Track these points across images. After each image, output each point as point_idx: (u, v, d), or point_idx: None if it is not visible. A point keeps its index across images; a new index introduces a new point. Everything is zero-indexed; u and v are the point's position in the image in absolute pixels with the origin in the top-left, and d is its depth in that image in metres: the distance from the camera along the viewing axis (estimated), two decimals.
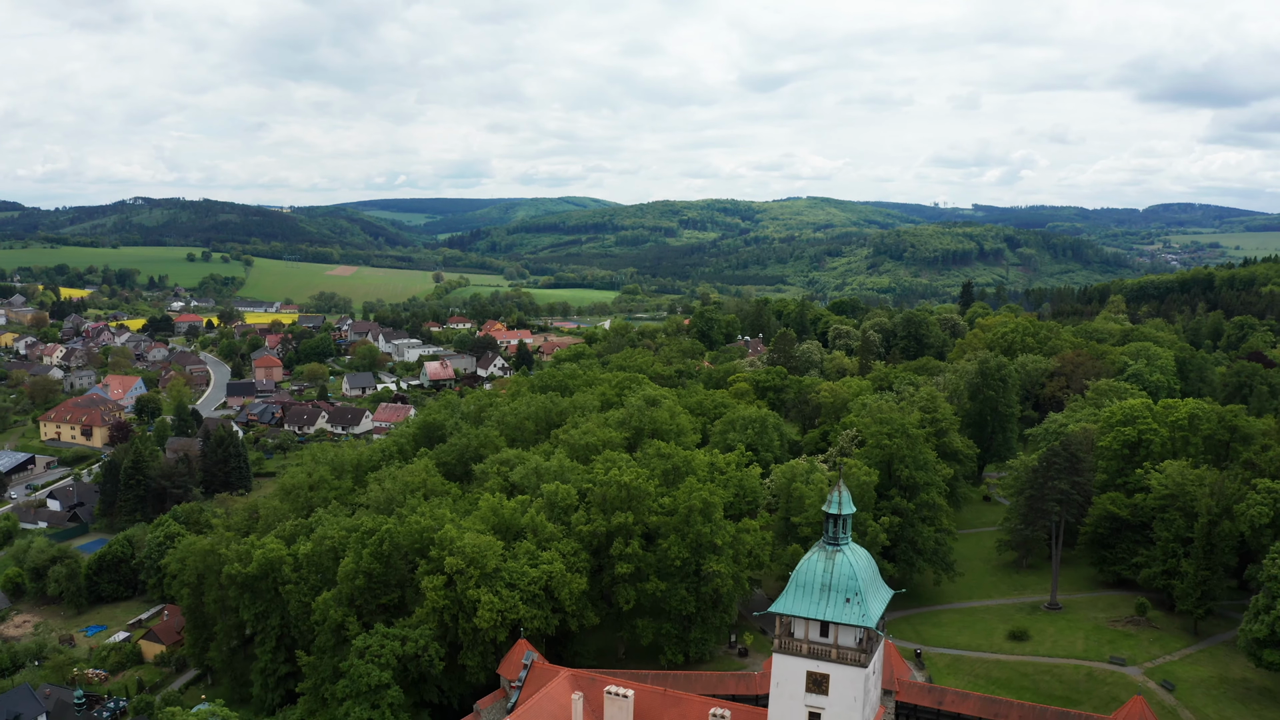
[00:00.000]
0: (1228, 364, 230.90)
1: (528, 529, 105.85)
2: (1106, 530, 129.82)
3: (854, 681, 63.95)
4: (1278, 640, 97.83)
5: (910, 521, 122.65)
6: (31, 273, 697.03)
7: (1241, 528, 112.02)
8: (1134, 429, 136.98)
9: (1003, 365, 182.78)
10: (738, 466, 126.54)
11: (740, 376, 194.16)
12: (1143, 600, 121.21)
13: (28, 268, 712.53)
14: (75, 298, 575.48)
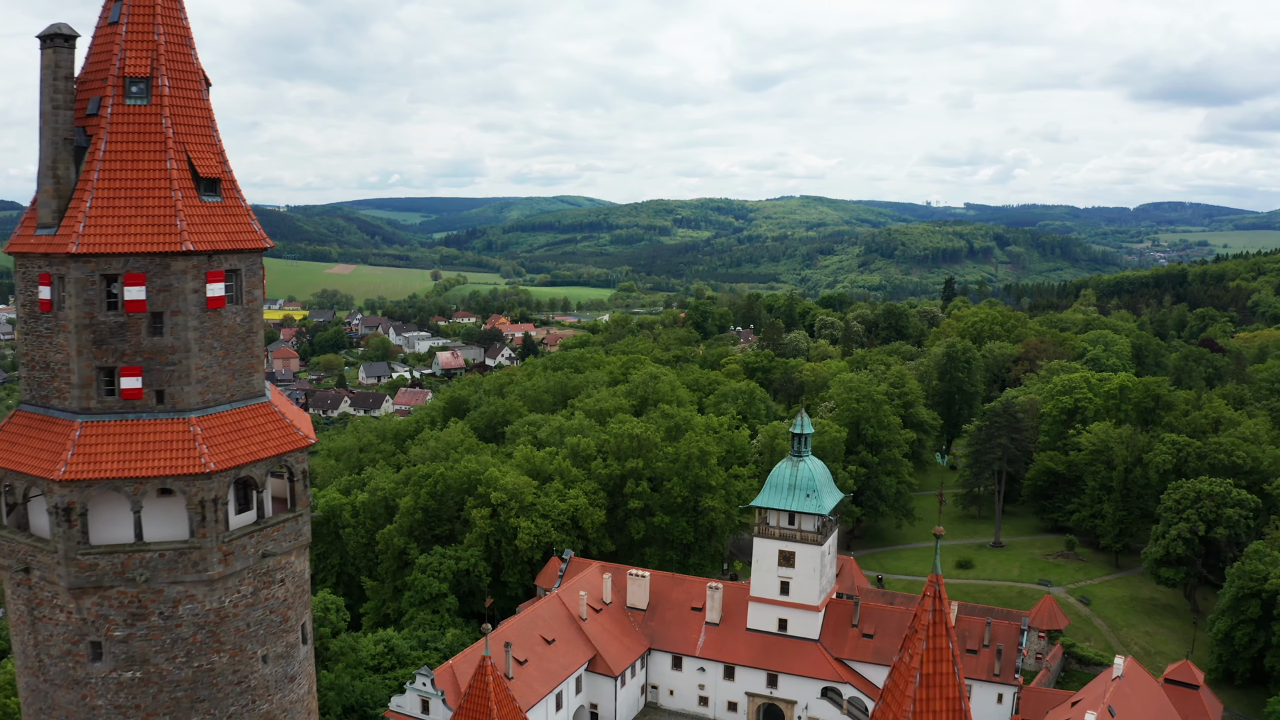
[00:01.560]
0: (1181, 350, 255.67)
1: (555, 473, 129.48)
2: (1045, 483, 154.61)
3: (813, 556, 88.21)
4: (1171, 560, 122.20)
5: (875, 473, 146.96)
6: None
7: (1150, 474, 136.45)
8: (1071, 398, 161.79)
9: (968, 350, 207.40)
10: (729, 427, 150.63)
11: (732, 358, 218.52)
12: (1072, 538, 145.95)
13: None
14: None
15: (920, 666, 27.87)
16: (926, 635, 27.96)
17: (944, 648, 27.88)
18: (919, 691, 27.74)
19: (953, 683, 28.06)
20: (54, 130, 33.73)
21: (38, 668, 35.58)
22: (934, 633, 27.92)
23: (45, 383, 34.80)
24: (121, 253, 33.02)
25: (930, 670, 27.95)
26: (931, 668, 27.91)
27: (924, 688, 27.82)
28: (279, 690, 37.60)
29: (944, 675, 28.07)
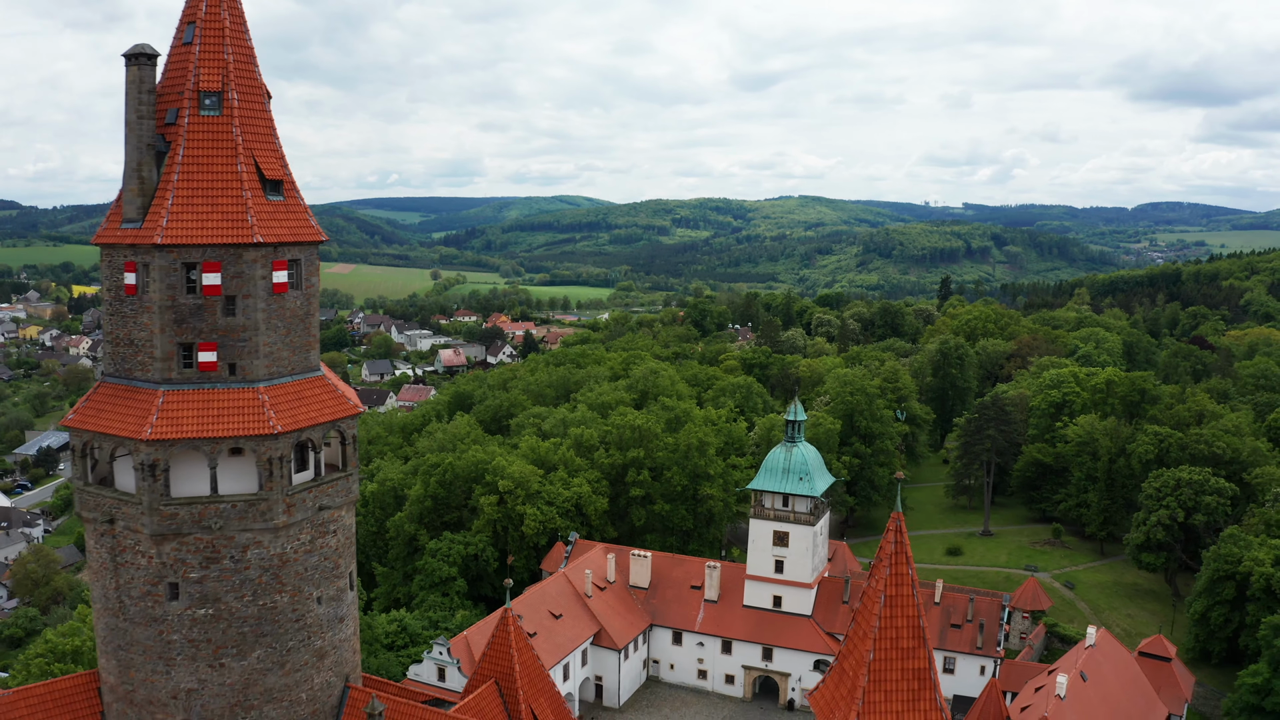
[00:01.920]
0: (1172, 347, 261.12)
1: (559, 462, 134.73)
2: (1034, 474, 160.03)
3: (806, 537, 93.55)
4: (1151, 545, 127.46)
5: (868, 464, 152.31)
6: (37, 270, 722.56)
7: (1133, 464, 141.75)
8: (1059, 392, 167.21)
9: (961, 347, 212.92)
10: (727, 420, 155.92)
11: (730, 354, 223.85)
12: (1058, 526, 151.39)
13: (33, 265, 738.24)
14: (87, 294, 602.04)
15: (884, 589, 33.13)
16: (890, 563, 33.22)
17: (904, 574, 33.13)
18: (883, 610, 33.00)
19: (912, 602, 33.30)
20: (138, 137, 38.99)
21: (118, 608, 40.84)
22: (895, 561, 33.17)
23: (129, 357, 40.06)
24: (200, 244, 38.29)
25: (893, 592, 33.19)
26: (894, 590, 33.16)
27: (888, 607, 33.07)
28: (330, 629, 42.93)
29: (904, 597, 33.31)
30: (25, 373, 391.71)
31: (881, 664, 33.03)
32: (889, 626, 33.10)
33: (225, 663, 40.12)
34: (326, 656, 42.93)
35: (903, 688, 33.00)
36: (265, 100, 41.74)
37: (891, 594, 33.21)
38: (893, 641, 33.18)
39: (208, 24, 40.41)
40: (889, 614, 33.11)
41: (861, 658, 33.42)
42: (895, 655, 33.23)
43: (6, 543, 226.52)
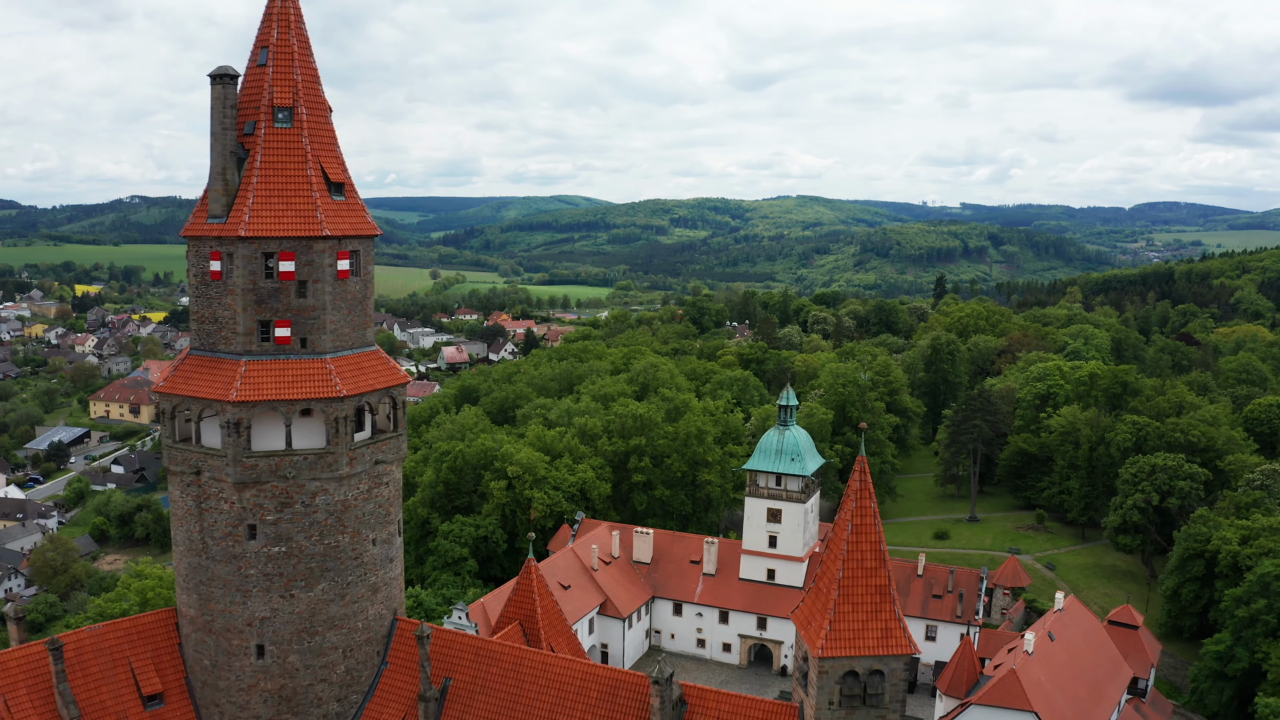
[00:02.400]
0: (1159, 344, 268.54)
1: (565, 450, 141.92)
2: (1019, 463, 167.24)
3: (797, 513, 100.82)
4: (1127, 528, 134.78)
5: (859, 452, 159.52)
6: (39, 269, 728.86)
7: (1113, 452, 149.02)
8: (1044, 384, 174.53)
9: (952, 343, 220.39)
10: (725, 410, 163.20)
11: (727, 350, 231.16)
12: (1041, 512, 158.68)
13: (35, 265, 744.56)
14: (90, 293, 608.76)
15: (851, 519, 40.24)
16: (855, 498, 40.35)
17: (867, 507, 40.25)
18: (850, 536, 40.11)
19: (874, 530, 40.42)
20: (223, 146, 46.12)
21: (201, 549, 47.97)
22: (860, 496, 40.30)
23: (214, 333, 47.19)
24: (277, 236, 45.39)
25: (859, 521, 40.28)
26: (859, 520, 40.26)
27: (854, 533, 40.15)
28: (382, 567, 50.11)
29: (868, 525, 40.41)
30: (32, 370, 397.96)
31: (850, 581, 40.11)
32: (855, 550, 40.19)
33: (295, 594, 47.26)
34: (379, 591, 50.11)
35: (867, 601, 40.09)
36: (328, 114, 48.88)
37: (857, 523, 40.31)
38: (858, 562, 40.24)
39: (279, 49, 47.51)
40: (855, 539, 40.19)
41: (833, 577, 40.52)
42: (861, 574, 40.31)
43: (22, 533, 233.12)
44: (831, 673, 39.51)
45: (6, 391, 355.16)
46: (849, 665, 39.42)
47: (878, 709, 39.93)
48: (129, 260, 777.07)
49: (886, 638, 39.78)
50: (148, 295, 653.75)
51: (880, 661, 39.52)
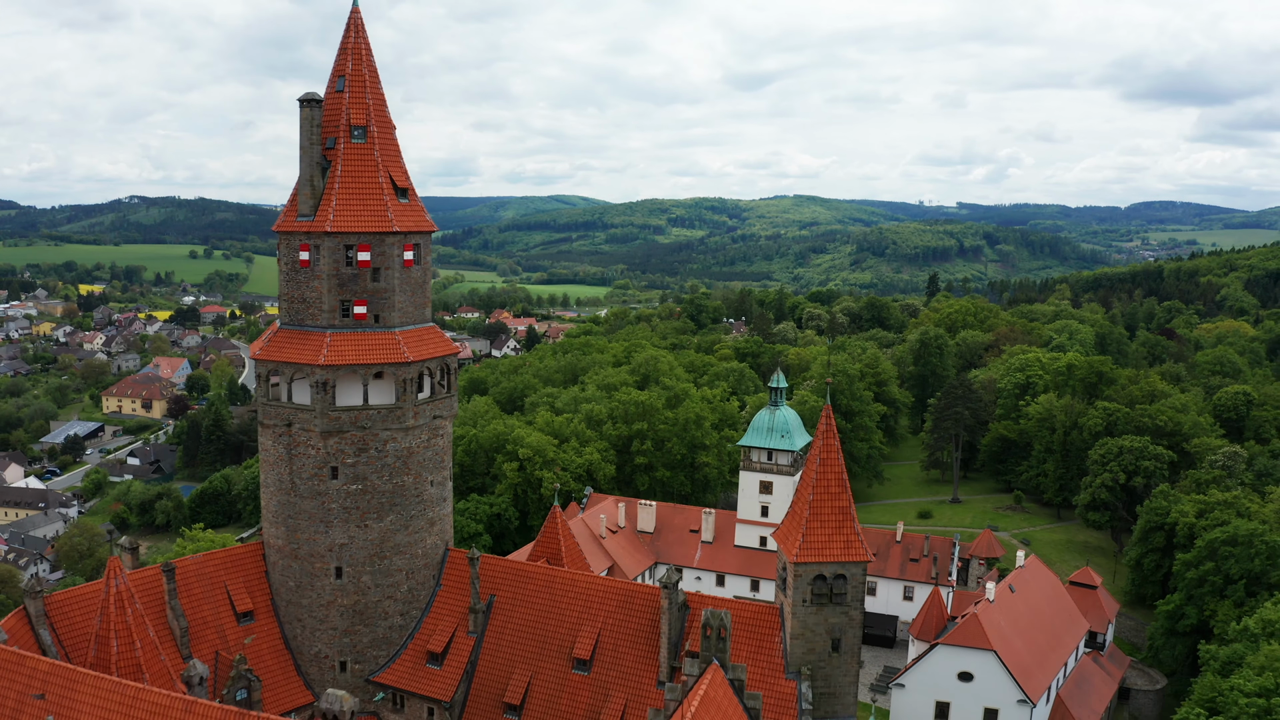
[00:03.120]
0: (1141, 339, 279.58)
1: (572, 434, 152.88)
2: (1000, 449, 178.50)
3: (787, 485, 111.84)
4: (1096, 505, 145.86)
5: (848, 439, 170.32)
6: (40, 269, 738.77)
7: (1085, 436, 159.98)
8: (1024, 374, 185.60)
9: (940, 337, 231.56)
10: (722, 399, 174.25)
11: (724, 344, 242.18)
12: (1019, 493, 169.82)
13: (36, 264, 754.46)
14: (94, 293, 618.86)
15: (820, 454, 51.10)
16: (823, 438, 51.25)
17: (832, 445, 51.10)
18: (819, 468, 50.97)
19: (838, 463, 51.27)
20: (310, 158, 56.95)
21: (290, 488, 58.79)
22: (827, 436, 51.17)
23: (302, 310, 57.99)
24: (356, 231, 56.20)
25: (826, 456, 51.13)
26: (826, 455, 51.09)
27: (822, 465, 50.98)
28: (438, 505, 61.03)
29: (833, 459, 51.26)
30: (43, 367, 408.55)
31: (818, 503, 50.85)
32: (822, 478, 50.97)
33: (368, 524, 58.10)
34: (435, 524, 61.00)
35: (832, 519, 50.81)
36: (393, 130, 59.76)
37: (825, 457, 51.10)
38: (825, 488, 50.96)
39: (353, 78, 58.36)
40: (822, 470, 50.97)
41: (805, 500, 51.30)
42: (827, 498, 51.04)
43: (45, 522, 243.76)
44: (804, 576, 50.38)
45: (19, 388, 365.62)
46: (818, 570, 50.27)
47: (841, 606, 50.79)
48: (129, 260, 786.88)
49: (848, 548, 50.62)
50: (150, 294, 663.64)
51: (843, 567, 50.38)
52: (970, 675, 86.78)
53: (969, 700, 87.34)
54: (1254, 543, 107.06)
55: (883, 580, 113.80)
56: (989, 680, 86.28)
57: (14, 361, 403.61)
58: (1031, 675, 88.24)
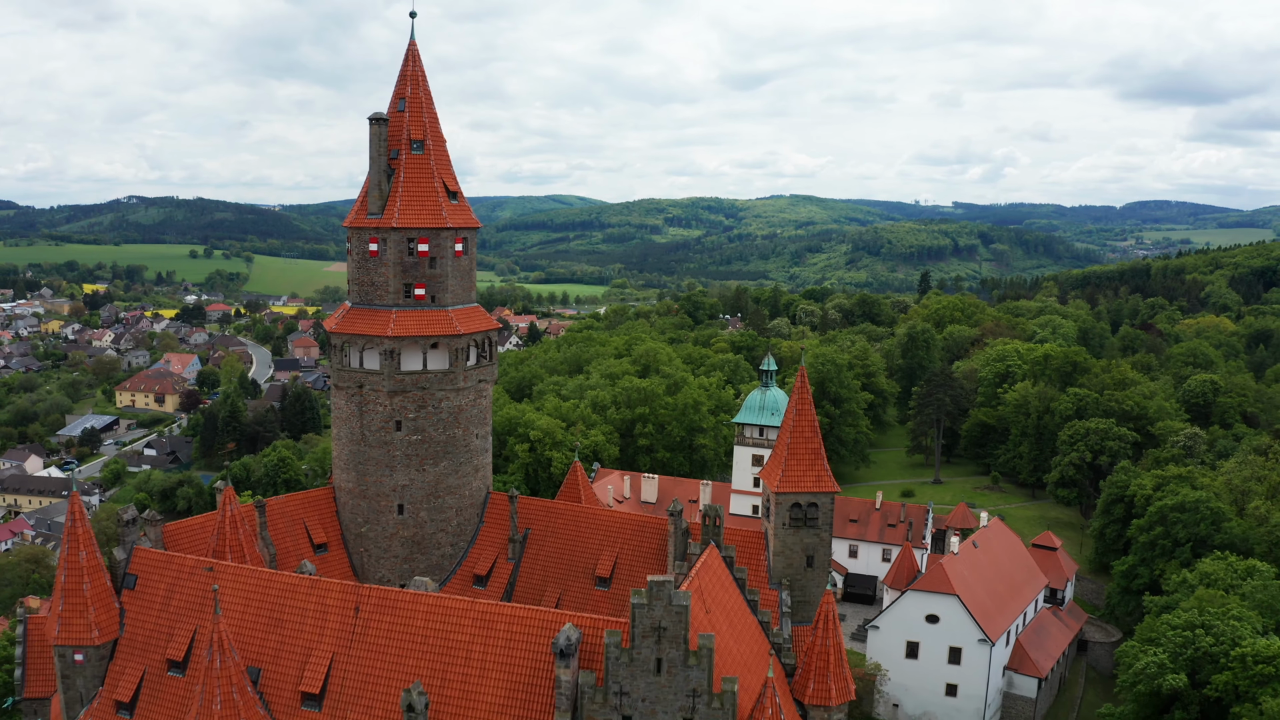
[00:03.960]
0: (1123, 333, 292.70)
1: (579, 418, 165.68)
2: (979, 434, 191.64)
3: None
4: (1065, 482, 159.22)
5: (837, 423, 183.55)
6: (42, 269, 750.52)
7: (1057, 419, 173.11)
8: (1003, 364, 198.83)
9: (927, 331, 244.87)
10: (718, 386, 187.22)
11: (720, 338, 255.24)
12: (996, 474, 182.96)
13: (38, 264, 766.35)
14: (98, 292, 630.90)
15: (795, 406, 63.99)
16: (797, 394, 64.10)
17: (806, 399, 63.87)
18: (794, 418, 63.80)
19: (811, 415, 64.08)
20: (378, 166, 69.71)
21: (360, 439, 71.48)
22: (801, 392, 64.00)
23: (370, 292, 70.70)
24: (417, 227, 68.95)
25: (800, 408, 64.00)
26: (800, 407, 63.90)
27: (798, 415, 63.85)
28: (481, 455, 73.90)
29: (806, 411, 64.10)
30: (53, 363, 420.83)
31: (795, 445, 63.56)
32: (798, 426, 63.72)
33: (425, 469, 70.81)
34: (479, 471, 73.84)
35: (807, 458, 63.47)
36: (444, 144, 72.57)
37: (800, 408, 63.87)
38: (800, 433, 63.64)
39: (412, 100, 71.15)
40: (798, 419, 63.68)
41: (785, 442, 64.10)
42: (802, 441, 63.74)
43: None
44: (783, 503, 63.22)
45: (32, 383, 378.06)
46: (794, 499, 63.08)
47: (814, 529, 63.62)
48: (130, 259, 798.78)
49: (819, 481, 63.44)
50: (153, 294, 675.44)
51: (815, 497, 63.20)
52: (936, 617, 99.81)
53: (936, 640, 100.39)
54: (1200, 509, 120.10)
55: (863, 544, 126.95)
56: (953, 622, 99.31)
57: (25, 358, 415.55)
58: (991, 618, 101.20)
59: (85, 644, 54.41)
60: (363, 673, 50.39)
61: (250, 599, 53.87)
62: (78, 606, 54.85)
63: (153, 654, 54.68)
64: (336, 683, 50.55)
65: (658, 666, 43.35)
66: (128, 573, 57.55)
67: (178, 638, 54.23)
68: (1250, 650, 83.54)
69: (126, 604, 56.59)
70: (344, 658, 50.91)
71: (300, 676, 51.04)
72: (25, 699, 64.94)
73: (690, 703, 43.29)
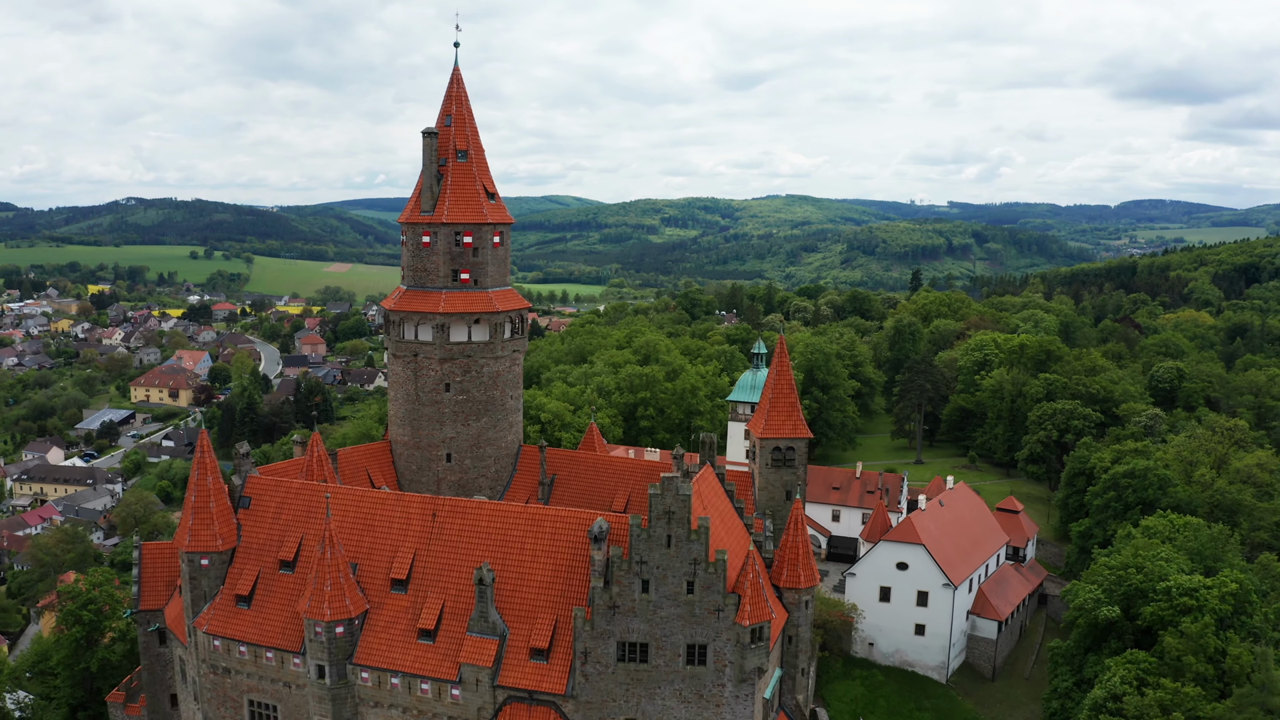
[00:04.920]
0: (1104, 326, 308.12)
1: (585, 402, 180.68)
2: (959, 418, 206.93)
3: None
4: (1034, 459, 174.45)
5: (825, 408, 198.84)
6: (44, 270, 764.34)
7: (1028, 402, 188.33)
8: (980, 353, 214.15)
9: (914, 324, 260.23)
10: (714, 374, 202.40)
11: (716, 331, 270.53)
12: (973, 454, 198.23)
13: (40, 265, 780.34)
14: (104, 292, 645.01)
15: (776, 368, 79.16)
16: (778, 357, 79.33)
17: (785, 362, 79.15)
18: (774, 378, 79.05)
19: (789, 376, 79.23)
20: (430, 172, 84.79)
21: (415, 399, 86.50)
22: (780, 357, 79.25)
23: (423, 276, 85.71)
24: (463, 222, 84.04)
25: (780, 369, 79.17)
26: (780, 368, 79.17)
27: (777, 377, 78.95)
28: (514, 413, 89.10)
29: (785, 373, 79.32)
30: (66, 361, 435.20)
31: (775, 399, 78.73)
32: (778, 384, 78.91)
33: (469, 424, 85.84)
34: (513, 426, 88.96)
35: (785, 410, 78.55)
36: (484, 153, 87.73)
37: (779, 369, 79.15)
38: (780, 390, 78.65)
39: (457, 117, 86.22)
40: (778, 379, 78.87)
41: (768, 398, 79.27)
42: (781, 396, 78.84)
43: (94, 496, 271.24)
44: (766, 447, 78.40)
45: (46, 380, 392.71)
46: (775, 443, 78.28)
47: (791, 468, 78.83)
48: (131, 261, 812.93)
49: (795, 429, 78.66)
50: (156, 294, 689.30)
51: (792, 441, 78.39)
52: (906, 565, 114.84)
53: (905, 585, 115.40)
54: (1148, 476, 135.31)
55: (845, 509, 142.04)
56: (920, 568, 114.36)
57: (38, 356, 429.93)
58: (955, 566, 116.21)
59: (211, 550, 69.38)
60: (439, 563, 65.55)
61: (348, 511, 68.96)
62: (205, 521, 69.80)
63: (266, 557, 69.76)
64: (419, 571, 65.74)
65: (668, 541, 58.34)
66: (243, 495, 72.56)
67: (288, 543, 69.34)
68: (1174, 584, 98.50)
69: (242, 520, 71.64)
70: (424, 552, 66.11)
71: (390, 567, 66.18)
72: (140, 610, 79.94)
73: (692, 569, 58.32)
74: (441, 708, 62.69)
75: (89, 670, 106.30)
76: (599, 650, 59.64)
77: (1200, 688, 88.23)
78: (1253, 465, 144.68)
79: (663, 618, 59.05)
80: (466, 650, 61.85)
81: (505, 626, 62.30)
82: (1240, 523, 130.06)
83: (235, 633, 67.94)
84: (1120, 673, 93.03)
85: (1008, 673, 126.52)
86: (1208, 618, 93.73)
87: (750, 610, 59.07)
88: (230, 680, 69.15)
